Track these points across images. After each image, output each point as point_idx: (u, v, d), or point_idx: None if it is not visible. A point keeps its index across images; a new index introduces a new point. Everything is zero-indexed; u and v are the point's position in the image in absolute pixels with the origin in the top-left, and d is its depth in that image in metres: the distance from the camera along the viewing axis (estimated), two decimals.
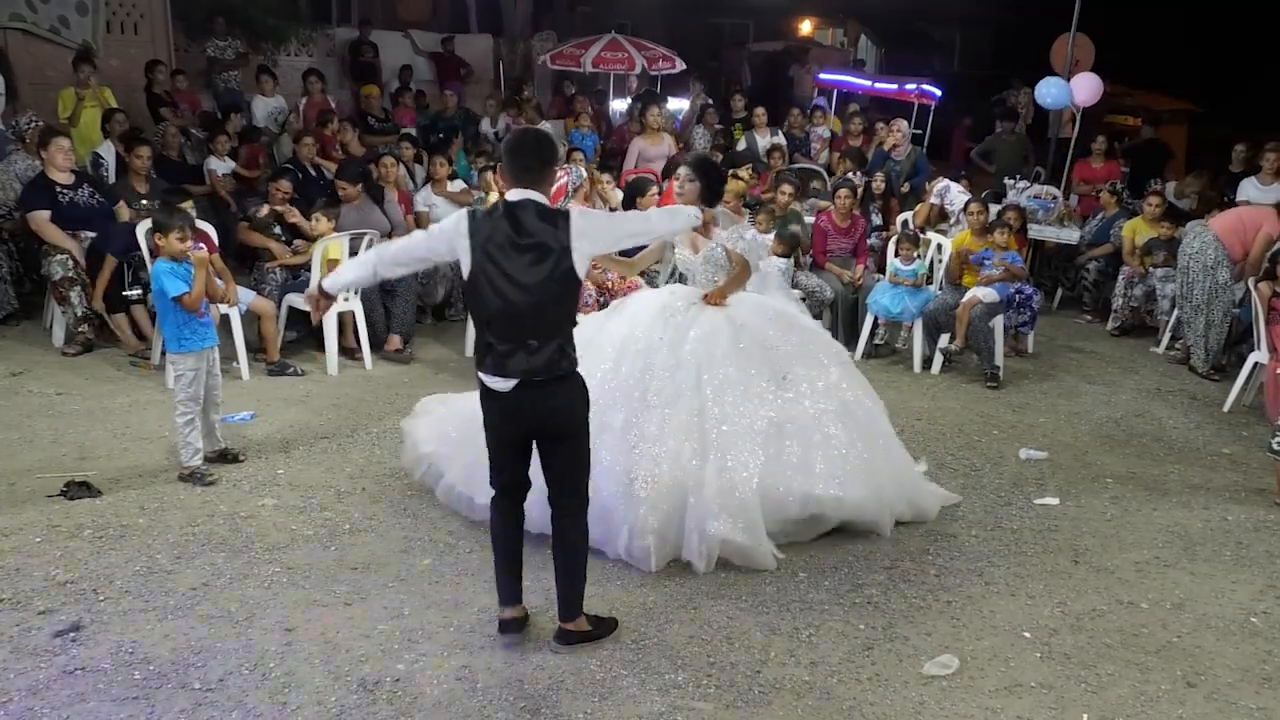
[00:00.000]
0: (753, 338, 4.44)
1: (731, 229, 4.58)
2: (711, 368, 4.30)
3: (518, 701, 3.26)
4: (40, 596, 3.74)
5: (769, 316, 4.60)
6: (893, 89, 13.84)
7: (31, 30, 9.69)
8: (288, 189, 7.24)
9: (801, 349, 4.54)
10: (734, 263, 4.55)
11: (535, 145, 3.38)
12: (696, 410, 4.22)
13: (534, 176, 3.32)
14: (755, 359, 4.39)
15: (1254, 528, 4.83)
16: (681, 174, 4.52)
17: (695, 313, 4.48)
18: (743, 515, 4.11)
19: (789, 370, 4.42)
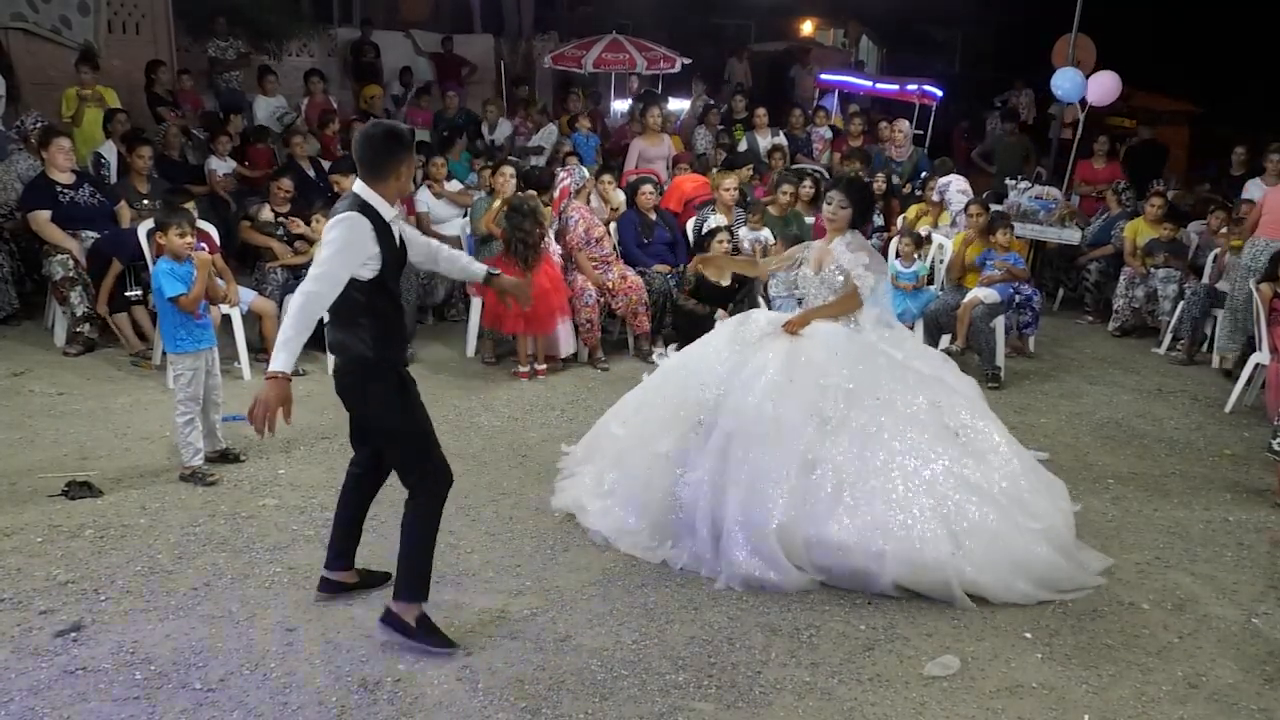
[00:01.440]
0: (809, 374, 4.22)
1: (858, 255, 4.44)
2: (752, 399, 4.17)
3: (518, 702, 3.26)
4: (41, 596, 3.75)
5: (839, 352, 4.30)
6: (894, 89, 13.84)
7: (33, 30, 9.69)
8: (288, 188, 7.25)
9: (867, 394, 4.19)
10: (844, 290, 4.46)
11: (379, 140, 3.34)
12: (725, 437, 4.15)
13: (371, 171, 3.33)
14: (801, 395, 4.16)
15: (1255, 528, 4.82)
16: (835, 199, 4.46)
17: (763, 343, 4.41)
18: (762, 551, 3.98)
19: (839, 413, 4.13)
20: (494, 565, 4.14)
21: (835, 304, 4.47)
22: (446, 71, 13.93)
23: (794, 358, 4.29)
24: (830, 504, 4.00)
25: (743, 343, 4.47)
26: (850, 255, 4.44)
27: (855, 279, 4.42)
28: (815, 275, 4.57)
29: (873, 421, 4.14)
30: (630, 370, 6.86)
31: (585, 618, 3.77)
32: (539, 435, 5.60)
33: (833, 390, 4.19)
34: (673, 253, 7.57)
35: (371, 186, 3.33)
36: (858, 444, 4.10)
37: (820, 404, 4.16)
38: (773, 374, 4.22)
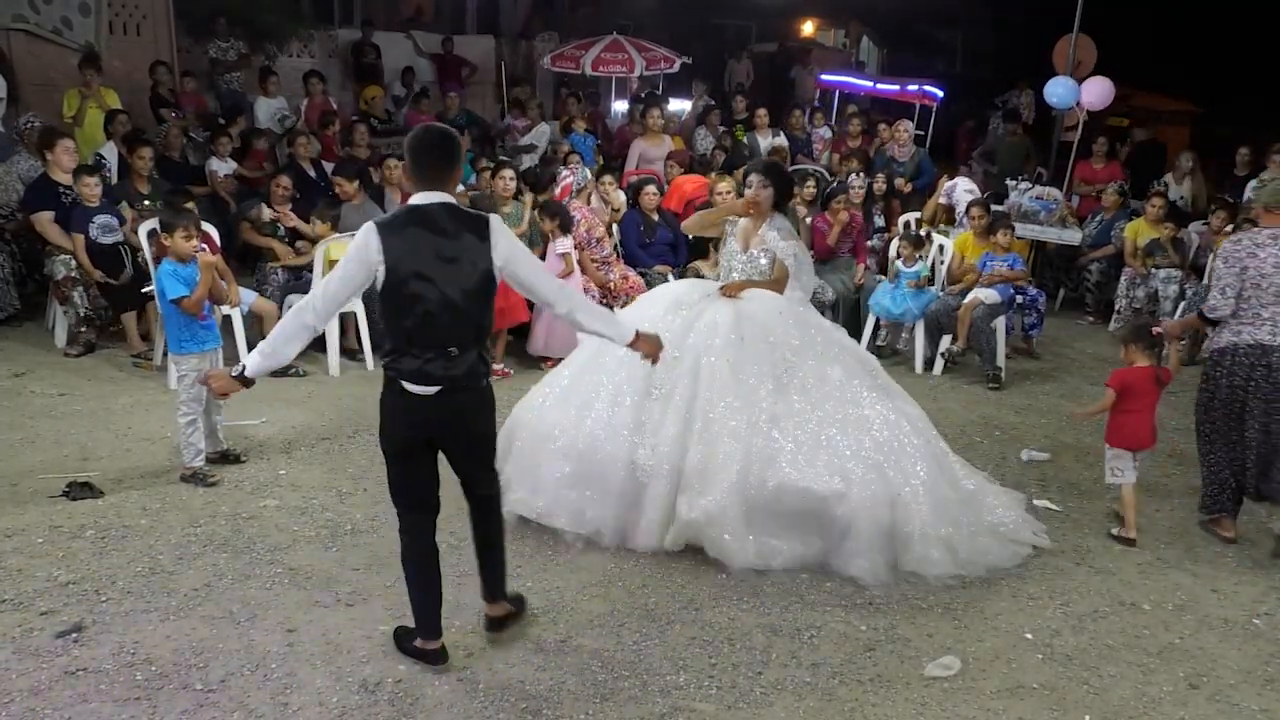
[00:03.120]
0: (755, 331, 4.41)
1: (788, 243, 4.62)
2: (708, 357, 4.32)
3: (519, 703, 3.26)
4: (42, 597, 3.75)
5: (780, 313, 4.52)
6: (894, 90, 13.84)
7: (34, 31, 9.69)
8: (287, 185, 7.25)
9: (809, 349, 4.45)
10: (775, 273, 4.63)
11: (439, 144, 3.21)
12: (689, 399, 4.26)
13: (441, 177, 3.18)
14: (753, 352, 4.36)
15: (1256, 529, 4.82)
16: (755, 181, 4.61)
17: (704, 305, 4.53)
18: (716, 501, 4.08)
19: (791, 368, 4.37)
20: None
21: (767, 283, 4.66)
22: (447, 72, 13.94)
23: (740, 317, 4.44)
24: (792, 454, 4.16)
25: (684, 305, 4.56)
26: (782, 244, 4.62)
27: (788, 265, 4.62)
28: (742, 253, 4.72)
29: (820, 375, 4.37)
30: None
31: (585, 619, 3.77)
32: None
33: (780, 347, 4.39)
34: (674, 253, 7.57)
35: (448, 191, 3.19)
36: (809, 396, 4.31)
37: (772, 360, 4.35)
38: (724, 334, 4.37)
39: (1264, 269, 4.41)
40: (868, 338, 7.36)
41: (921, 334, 7.16)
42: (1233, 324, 4.53)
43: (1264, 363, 4.43)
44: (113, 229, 6.67)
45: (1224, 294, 4.51)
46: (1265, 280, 4.41)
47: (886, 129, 10.18)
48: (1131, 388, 4.60)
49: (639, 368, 4.27)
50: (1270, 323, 4.42)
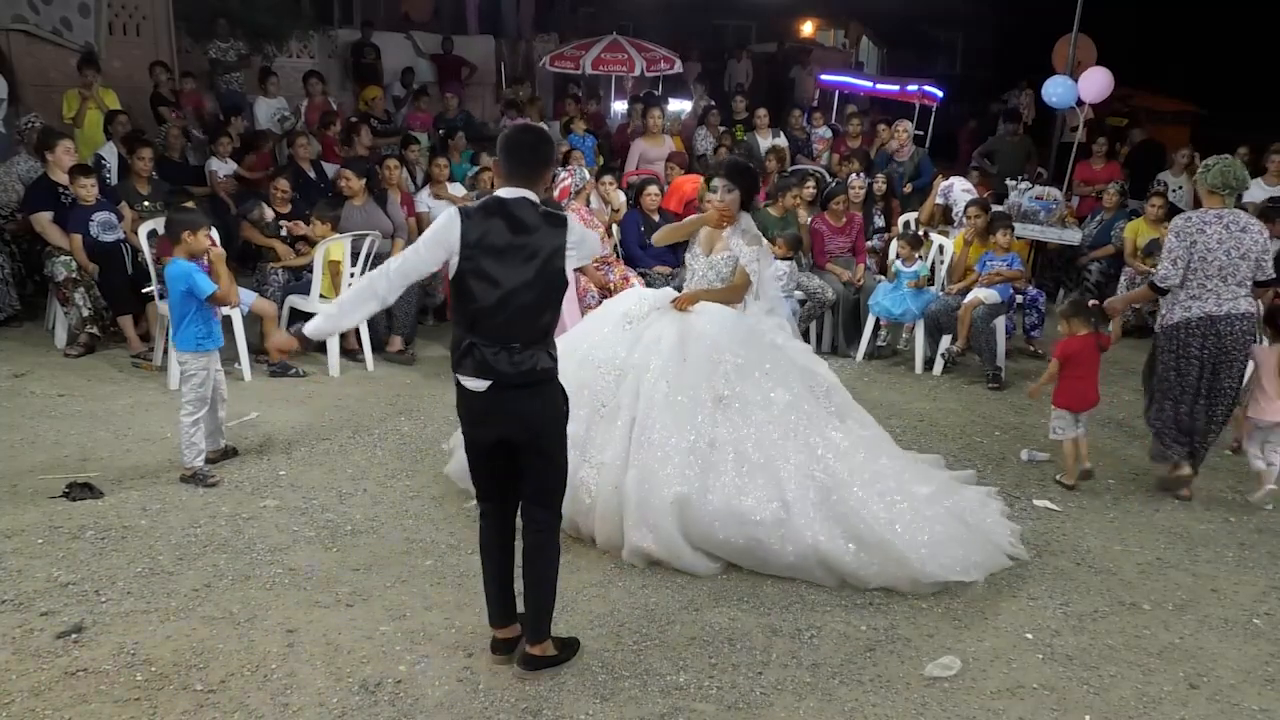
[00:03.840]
0: (701, 350, 4.28)
1: (755, 247, 4.49)
2: (649, 378, 4.22)
3: (519, 703, 3.26)
4: (42, 598, 3.75)
5: (728, 330, 4.37)
6: (894, 90, 13.85)
7: (33, 32, 9.69)
8: (285, 188, 7.25)
9: (755, 368, 4.29)
10: (735, 279, 4.51)
11: (534, 144, 3.27)
12: (629, 420, 4.18)
13: (530, 175, 3.22)
14: (695, 372, 4.23)
15: (1256, 529, 4.82)
16: (720, 186, 4.49)
17: (653, 318, 4.43)
18: (658, 529, 4.04)
19: (733, 389, 4.22)
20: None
21: (724, 291, 4.53)
22: (447, 72, 13.94)
23: (686, 334, 4.34)
24: (732, 478, 4.08)
25: (633, 319, 4.47)
26: (747, 249, 4.50)
27: (749, 272, 4.49)
28: (705, 258, 4.60)
29: (762, 396, 4.24)
30: None
31: (585, 619, 3.77)
32: None
33: (724, 366, 4.27)
34: (674, 254, 7.56)
35: (534, 189, 3.21)
36: (751, 418, 4.19)
37: (713, 380, 4.23)
38: (666, 352, 4.27)
39: (1209, 245, 4.83)
40: (868, 338, 7.37)
41: (921, 334, 7.16)
42: (1183, 299, 4.92)
43: (1213, 331, 4.88)
44: (113, 226, 6.67)
45: (1174, 265, 4.90)
46: (1210, 255, 4.83)
47: (886, 129, 10.18)
48: (1074, 355, 5.13)
49: (590, 384, 4.29)
50: (1215, 295, 4.86)
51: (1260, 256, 4.88)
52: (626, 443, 4.16)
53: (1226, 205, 4.95)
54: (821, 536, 4.01)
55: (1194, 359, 4.93)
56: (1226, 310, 4.85)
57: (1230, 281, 4.85)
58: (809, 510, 4.06)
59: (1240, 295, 4.88)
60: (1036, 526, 4.72)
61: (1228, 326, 4.86)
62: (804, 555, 4.01)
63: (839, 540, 4.03)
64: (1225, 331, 4.87)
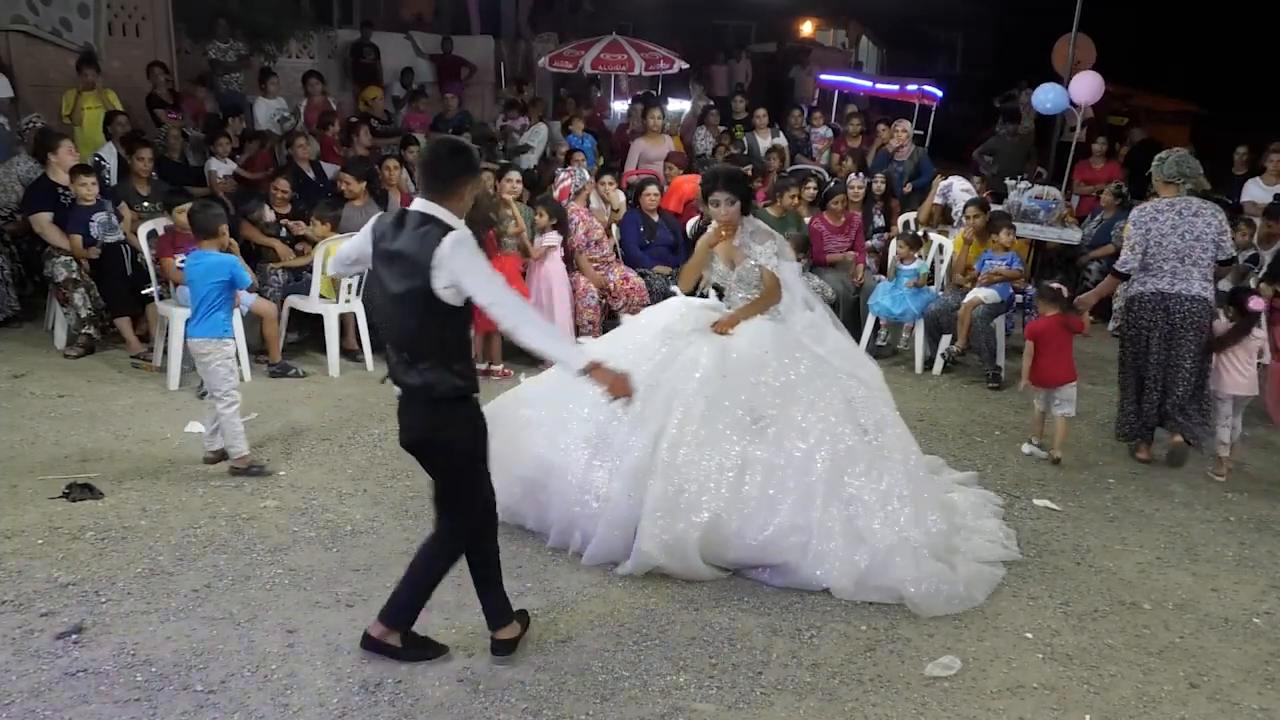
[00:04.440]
0: (741, 369, 4.26)
1: (766, 244, 4.47)
2: (686, 393, 4.19)
3: (519, 703, 3.25)
4: (42, 598, 3.75)
5: (769, 348, 4.35)
6: (894, 90, 13.85)
7: (33, 33, 9.69)
8: (286, 188, 7.25)
9: (796, 389, 4.25)
10: (765, 282, 4.48)
11: (444, 157, 3.23)
12: (657, 431, 4.14)
13: (440, 188, 3.16)
14: (734, 392, 4.20)
15: (1256, 528, 4.82)
16: (721, 199, 4.44)
17: (693, 338, 4.40)
18: (678, 545, 4.00)
19: (770, 411, 4.19)
20: None
21: (759, 301, 4.49)
22: (446, 72, 13.94)
23: (726, 354, 4.30)
24: (759, 503, 4.05)
25: (673, 335, 4.44)
26: (759, 247, 4.46)
27: (772, 270, 4.45)
28: (731, 270, 4.58)
29: (800, 419, 4.19)
30: None
31: (586, 619, 3.77)
32: None
33: (764, 388, 4.23)
34: (674, 254, 7.57)
35: (443, 205, 3.15)
36: (786, 441, 4.14)
37: (752, 402, 4.20)
38: (706, 369, 4.24)
39: (1163, 230, 5.29)
40: (867, 338, 7.36)
41: (921, 334, 7.16)
42: (1141, 276, 5.39)
43: (1163, 306, 5.30)
44: (113, 227, 6.67)
45: (1132, 251, 5.38)
46: (1165, 240, 5.28)
47: (886, 129, 10.18)
48: (1042, 334, 5.52)
49: None
50: (1170, 274, 5.27)
51: (1217, 238, 5.26)
52: (650, 454, 4.10)
53: (1180, 194, 5.34)
54: (835, 572, 3.97)
55: (1144, 329, 5.37)
56: (1178, 290, 5.24)
57: (1186, 262, 5.24)
58: (830, 542, 4.00)
59: (1194, 277, 5.24)
60: (1037, 526, 4.72)
61: (1177, 304, 5.24)
62: (807, 582, 4.01)
63: (846, 580, 3.97)
64: (1174, 309, 5.25)
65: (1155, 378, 5.40)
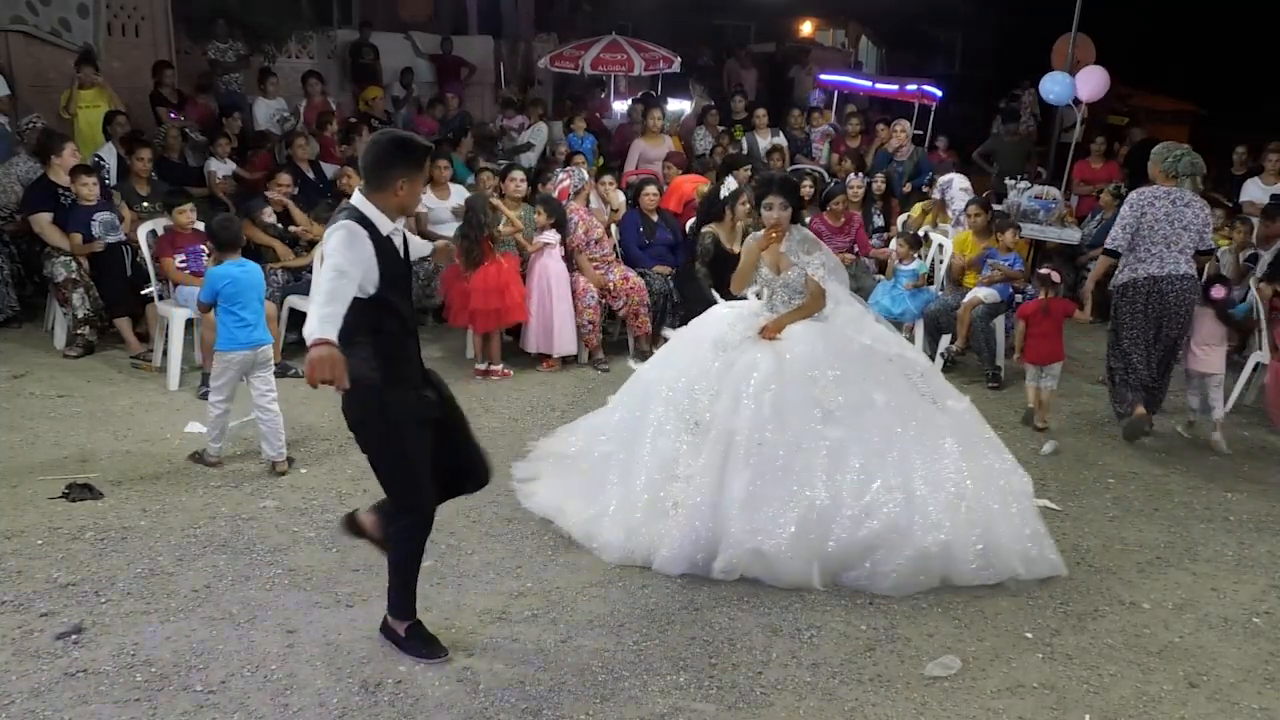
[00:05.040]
0: (798, 369, 4.36)
1: (814, 255, 4.59)
2: (750, 393, 4.28)
3: (519, 703, 3.26)
4: (42, 599, 3.75)
5: (820, 345, 4.46)
6: (893, 90, 13.83)
7: (32, 33, 9.69)
8: (287, 182, 7.25)
9: (853, 376, 4.37)
10: (810, 291, 4.58)
11: (373, 148, 3.26)
12: (728, 432, 4.22)
13: (369, 178, 3.24)
14: (797, 389, 4.31)
15: (1256, 528, 4.82)
16: (775, 203, 4.55)
17: (745, 347, 4.51)
18: (766, 547, 4.04)
19: (835, 400, 4.28)
20: (494, 566, 4.14)
21: (804, 308, 4.59)
22: (446, 73, 13.93)
23: (780, 355, 4.41)
24: (852, 482, 4.12)
25: (726, 347, 4.55)
26: (807, 257, 4.58)
27: (818, 279, 4.56)
28: (776, 277, 4.67)
29: (865, 405, 4.30)
30: (630, 372, 6.85)
31: (586, 619, 3.77)
32: (539, 436, 5.59)
33: (822, 380, 4.33)
34: (673, 254, 7.56)
35: (370, 198, 3.22)
36: (854, 428, 4.24)
37: (815, 394, 4.29)
38: (765, 370, 4.34)
39: (1157, 216, 5.62)
40: None
41: (921, 334, 7.16)
42: (1132, 263, 5.70)
43: (1156, 290, 5.63)
44: (114, 227, 6.67)
45: (1124, 231, 5.70)
46: (1157, 225, 5.61)
47: (885, 129, 10.18)
48: (1031, 315, 6.03)
49: (679, 403, 4.44)
50: (1158, 259, 5.61)
51: (1201, 229, 5.64)
52: (722, 458, 4.18)
53: (1178, 186, 5.69)
54: (943, 535, 4.06)
55: (1140, 313, 5.69)
56: (1168, 272, 5.59)
57: (1174, 248, 5.60)
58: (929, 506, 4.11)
59: (1181, 260, 5.61)
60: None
61: (1170, 285, 5.60)
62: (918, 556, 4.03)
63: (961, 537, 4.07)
64: (1168, 290, 5.61)
65: (1146, 356, 5.74)
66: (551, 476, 4.86)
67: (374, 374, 3.21)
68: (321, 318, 3.01)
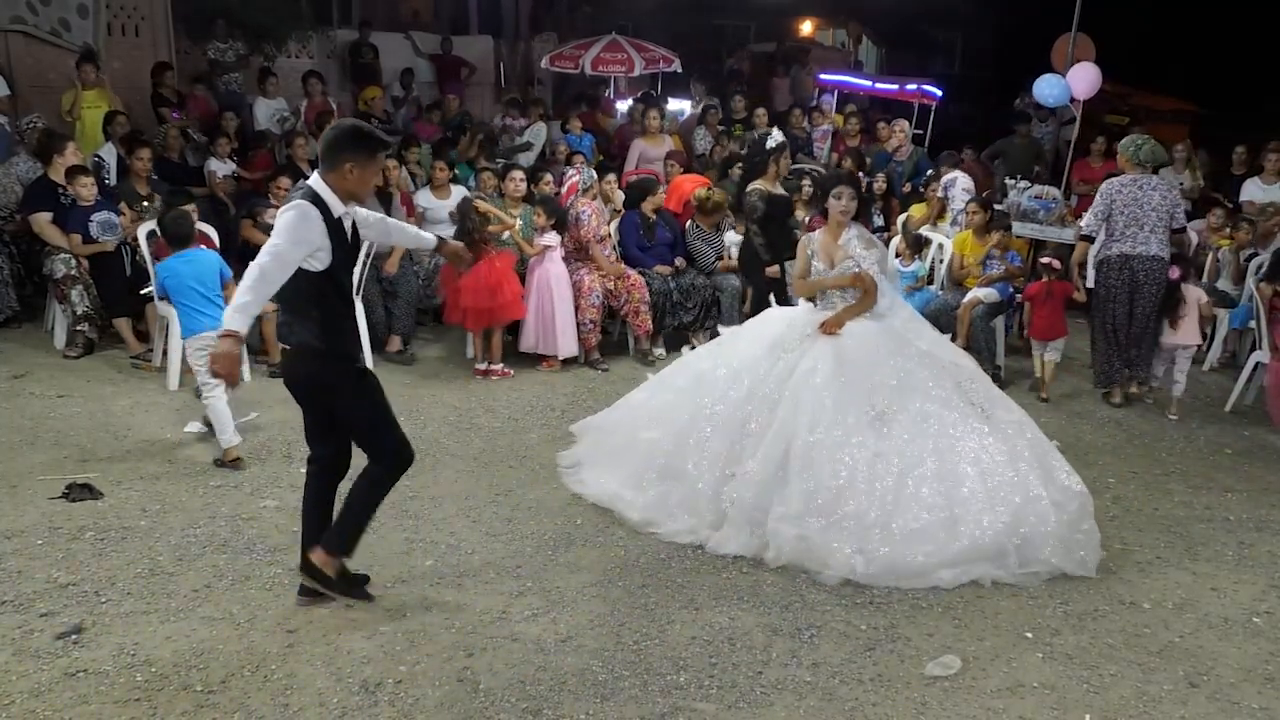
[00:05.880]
0: (858, 373, 4.46)
1: (871, 251, 4.72)
2: (809, 396, 4.37)
3: (520, 703, 3.25)
4: (42, 598, 3.75)
5: (880, 349, 4.57)
6: (894, 89, 13.82)
7: (32, 33, 9.69)
8: (287, 185, 7.24)
9: (912, 382, 4.47)
10: (863, 285, 4.68)
11: (329, 134, 3.48)
12: (787, 438, 4.30)
13: (324, 161, 3.45)
14: (855, 392, 4.40)
15: (1256, 527, 4.82)
16: (845, 194, 4.77)
17: (806, 346, 4.59)
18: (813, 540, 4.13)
19: (892, 406, 4.37)
20: (494, 566, 4.14)
21: (861, 303, 4.72)
22: (446, 73, 13.93)
23: (840, 358, 4.50)
24: (895, 492, 4.19)
25: (787, 349, 4.63)
26: (864, 252, 4.73)
27: (872, 275, 4.69)
28: (829, 271, 4.79)
29: (921, 410, 4.38)
30: (630, 371, 6.86)
31: (586, 618, 3.77)
32: (539, 436, 5.60)
33: (880, 385, 4.42)
34: (672, 253, 7.56)
35: (324, 179, 3.43)
36: (911, 432, 4.33)
37: (873, 398, 4.38)
38: (825, 374, 4.43)
39: (1125, 201, 6.25)
40: None
41: None
42: (1107, 243, 6.35)
43: (1127, 267, 6.27)
44: (113, 227, 6.67)
45: (1095, 217, 6.38)
46: (1126, 209, 6.24)
47: (885, 128, 10.18)
48: (1035, 297, 6.64)
49: (738, 404, 4.51)
50: (1130, 239, 6.25)
51: (1171, 210, 6.25)
52: (782, 457, 4.26)
53: (1145, 173, 6.30)
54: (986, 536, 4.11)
55: (1113, 286, 6.31)
56: (1139, 251, 6.21)
57: (1145, 229, 6.21)
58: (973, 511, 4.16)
59: (1152, 240, 6.21)
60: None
61: (1140, 264, 6.22)
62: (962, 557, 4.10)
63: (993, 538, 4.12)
64: (1138, 267, 6.23)
65: (1123, 329, 6.35)
66: (598, 465, 4.93)
67: (320, 343, 3.49)
68: (239, 306, 3.30)
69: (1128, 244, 6.23)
